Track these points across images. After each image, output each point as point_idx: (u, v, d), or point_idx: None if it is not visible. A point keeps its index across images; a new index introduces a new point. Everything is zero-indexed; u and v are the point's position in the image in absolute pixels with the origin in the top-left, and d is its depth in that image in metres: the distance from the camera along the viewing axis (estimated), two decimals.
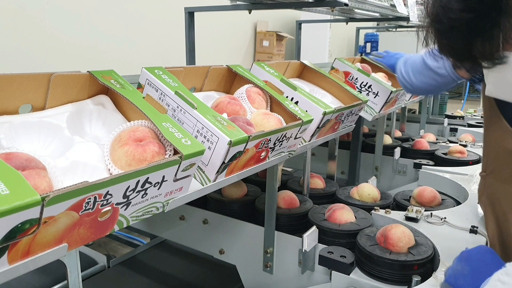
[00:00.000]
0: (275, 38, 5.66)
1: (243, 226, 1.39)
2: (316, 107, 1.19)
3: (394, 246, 1.12)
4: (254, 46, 5.83)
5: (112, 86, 0.83)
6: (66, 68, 0.82)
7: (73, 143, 0.76)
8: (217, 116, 0.89)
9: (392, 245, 1.12)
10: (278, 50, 5.74)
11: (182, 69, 1.04)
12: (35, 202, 0.52)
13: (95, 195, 0.60)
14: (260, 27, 5.79)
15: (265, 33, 5.72)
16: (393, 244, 1.13)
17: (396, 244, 1.12)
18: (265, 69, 1.28)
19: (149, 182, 0.69)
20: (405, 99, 2.07)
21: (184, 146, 0.74)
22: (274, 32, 5.64)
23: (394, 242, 1.12)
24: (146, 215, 0.74)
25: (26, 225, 0.53)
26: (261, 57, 5.78)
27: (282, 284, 1.34)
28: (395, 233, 1.14)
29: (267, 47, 5.73)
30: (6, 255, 0.53)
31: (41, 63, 3.10)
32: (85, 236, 0.64)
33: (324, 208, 1.38)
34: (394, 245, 1.12)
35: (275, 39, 5.67)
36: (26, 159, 0.59)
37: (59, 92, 0.81)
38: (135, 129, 0.76)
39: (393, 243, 1.13)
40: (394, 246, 1.12)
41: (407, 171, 2.17)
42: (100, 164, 0.74)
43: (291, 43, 6.29)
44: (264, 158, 1.02)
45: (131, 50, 3.76)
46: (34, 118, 0.78)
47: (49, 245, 0.59)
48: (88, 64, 3.28)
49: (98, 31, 3.50)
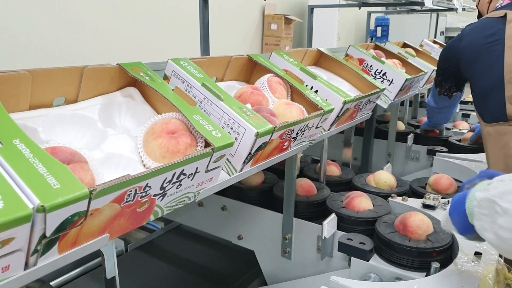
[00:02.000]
0: (283, 22, 5.62)
1: (261, 212, 1.42)
2: (336, 96, 1.20)
3: (413, 233, 1.14)
4: (262, 29, 5.79)
5: (142, 78, 0.84)
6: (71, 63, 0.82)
7: (106, 135, 0.78)
8: (242, 107, 0.90)
9: (411, 232, 1.15)
10: (287, 33, 5.70)
11: (205, 59, 1.05)
12: (84, 196, 0.54)
13: (136, 187, 0.62)
14: (268, 10, 5.74)
15: (273, 16, 5.68)
16: (412, 231, 1.15)
17: (415, 232, 1.14)
18: (284, 57, 1.29)
19: (183, 173, 0.71)
20: (419, 85, 2.07)
21: (215, 138, 0.76)
22: (283, 15, 5.59)
23: (413, 230, 1.15)
24: (179, 205, 0.77)
25: (75, 217, 0.55)
26: (269, 41, 5.75)
27: (300, 269, 1.37)
28: (414, 221, 1.16)
29: (275, 31, 5.70)
30: (57, 246, 0.56)
31: None
32: (125, 226, 0.67)
33: (342, 196, 1.40)
34: (413, 232, 1.14)
35: (283, 23, 5.62)
36: (70, 153, 0.61)
37: (90, 85, 0.82)
38: (167, 121, 0.77)
39: (412, 230, 1.15)
40: (413, 233, 1.14)
41: (420, 158, 2.19)
42: (134, 156, 0.76)
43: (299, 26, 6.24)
44: (287, 148, 1.04)
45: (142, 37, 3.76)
46: (68, 110, 0.80)
47: (93, 236, 0.61)
48: (95, 56, 3.30)
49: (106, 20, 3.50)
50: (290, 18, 5.64)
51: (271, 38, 5.69)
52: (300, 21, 5.84)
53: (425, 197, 1.34)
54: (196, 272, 1.75)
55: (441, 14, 6.92)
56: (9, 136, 0.57)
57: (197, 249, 1.94)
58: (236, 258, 1.81)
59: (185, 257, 1.88)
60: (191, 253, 1.91)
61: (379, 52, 1.99)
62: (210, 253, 1.90)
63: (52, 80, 0.76)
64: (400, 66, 1.96)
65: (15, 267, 0.53)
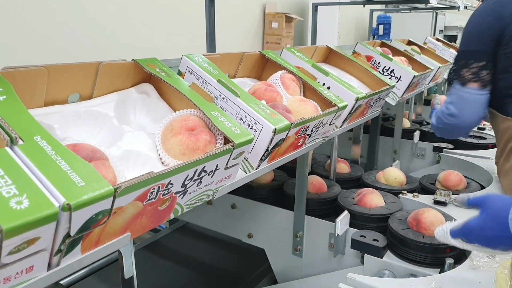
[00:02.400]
0: (284, 20, 5.60)
1: (272, 210, 1.41)
2: (348, 92, 1.19)
3: (426, 229, 1.14)
4: (263, 28, 5.77)
5: (158, 74, 0.83)
6: (72, 59, 0.80)
7: (123, 132, 0.77)
8: (259, 103, 0.89)
9: (424, 228, 1.14)
10: (287, 32, 5.68)
11: (219, 56, 1.04)
12: (109, 194, 0.53)
13: (159, 185, 0.61)
14: (269, 9, 5.72)
15: (274, 15, 5.66)
16: (425, 227, 1.14)
17: (429, 228, 1.13)
18: (295, 54, 1.28)
19: (204, 170, 0.70)
20: (425, 83, 2.06)
21: (235, 135, 0.74)
22: (283, 14, 5.57)
23: (426, 226, 1.14)
24: (198, 202, 0.76)
25: (99, 216, 0.54)
26: (270, 39, 5.73)
27: (311, 267, 1.36)
28: (427, 217, 1.15)
29: (276, 29, 5.68)
30: (80, 245, 0.55)
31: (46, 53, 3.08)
32: (146, 225, 0.66)
33: (353, 193, 1.39)
34: (426, 228, 1.14)
35: (284, 21, 5.60)
36: (91, 150, 0.60)
37: (105, 81, 0.81)
38: (186, 118, 0.76)
39: (426, 226, 1.14)
40: (427, 229, 1.13)
41: (426, 155, 2.18)
42: (152, 153, 0.75)
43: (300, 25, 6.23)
44: (301, 144, 1.03)
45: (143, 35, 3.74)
46: (83, 107, 0.78)
47: (116, 235, 0.60)
48: (96, 54, 3.27)
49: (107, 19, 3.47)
50: (291, 16, 5.62)
51: (272, 36, 5.67)
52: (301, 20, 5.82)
53: (436, 194, 1.33)
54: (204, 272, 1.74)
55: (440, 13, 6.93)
56: (29, 133, 0.56)
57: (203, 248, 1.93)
58: (244, 256, 1.80)
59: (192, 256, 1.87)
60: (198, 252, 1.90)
61: (386, 50, 1.98)
62: (217, 252, 1.89)
63: (67, 76, 0.74)
64: (406, 63, 1.94)
65: (38, 267, 0.51)
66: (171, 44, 3.99)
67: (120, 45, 3.54)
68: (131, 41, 3.63)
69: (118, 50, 3.49)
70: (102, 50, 3.39)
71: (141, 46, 3.69)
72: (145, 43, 3.75)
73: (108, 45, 3.45)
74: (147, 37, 3.78)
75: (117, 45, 3.52)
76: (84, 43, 3.28)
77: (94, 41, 3.35)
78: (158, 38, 3.90)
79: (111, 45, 3.47)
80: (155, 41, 3.83)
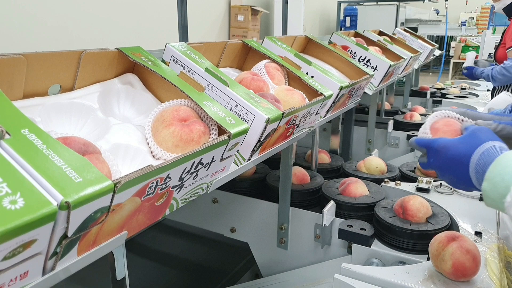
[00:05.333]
0: (250, 13, 5.57)
1: (255, 203, 1.39)
2: (332, 81, 1.18)
3: (413, 216, 1.14)
4: (228, 20, 5.72)
5: (144, 63, 0.79)
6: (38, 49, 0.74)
7: (110, 125, 0.72)
8: (249, 93, 0.86)
9: (411, 216, 1.15)
10: (253, 24, 5.66)
11: (202, 45, 1.00)
12: (109, 189, 0.49)
13: (158, 179, 0.57)
14: (234, 1, 5.67)
15: (240, 8, 5.62)
16: (412, 215, 1.15)
17: (415, 215, 1.14)
18: (277, 43, 1.25)
19: (201, 163, 0.66)
20: (398, 72, 2.09)
21: (230, 125, 0.71)
22: (249, 7, 5.54)
23: (413, 213, 1.15)
24: (193, 196, 0.72)
25: (98, 214, 0.49)
26: (236, 32, 5.69)
27: (297, 259, 1.35)
28: (413, 204, 1.16)
29: (242, 22, 5.64)
30: (77, 247, 0.50)
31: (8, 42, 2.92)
32: (142, 222, 0.62)
33: (336, 183, 1.38)
34: (413, 216, 1.14)
35: (250, 14, 5.58)
36: (84, 144, 0.55)
37: (88, 71, 0.76)
38: (178, 108, 0.72)
39: (412, 214, 1.15)
40: (414, 216, 1.14)
41: (400, 143, 2.21)
42: (142, 146, 0.71)
43: (266, 17, 6.21)
44: (290, 135, 1.01)
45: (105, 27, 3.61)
46: (65, 99, 0.73)
47: (112, 233, 0.56)
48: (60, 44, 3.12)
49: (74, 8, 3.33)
50: (256, 9, 5.59)
51: (238, 29, 5.63)
52: (266, 12, 5.81)
53: (418, 181, 1.35)
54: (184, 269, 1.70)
55: (400, 6, 7.10)
56: (16, 126, 0.51)
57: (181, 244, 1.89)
58: (224, 251, 1.77)
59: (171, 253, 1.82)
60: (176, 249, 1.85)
61: (360, 40, 1.99)
62: (196, 247, 1.85)
63: (48, 66, 0.69)
64: (380, 53, 1.96)
65: (33, 272, 0.47)
66: (136, 37, 3.88)
67: (86, 38, 3.40)
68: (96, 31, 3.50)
69: (82, 43, 3.35)
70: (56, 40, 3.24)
71: (107, 39, 3.56)
72: (112, 36, 3.63)
73: (71, 37, 3.31)
74: (115, 30, 3.65)
75: (82, 38, 3.38)
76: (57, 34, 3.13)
77: (64, 32, 3.21)
78: (124, 31, 3.77)
79: (75, 37, 3.33)
80: (123, 35, 3.71)
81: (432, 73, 9.34)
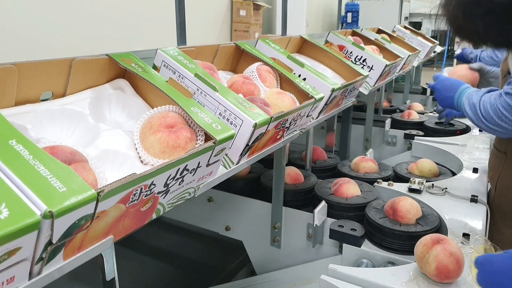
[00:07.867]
0: (252, 8, 5.55)
1: (249, 202, 1.41)
2: (324, 83, 1.19)
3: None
4: (231, 16, 5.70)
5: (134, 70, 0.80)
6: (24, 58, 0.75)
7: (99, 131, 0.74)
8: (238, 98, 0.88)
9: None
10: (256, 19, 5.65)
11: (194, 48, 1.01)
12: (92, 198, 0.51)
13: (142, 186, 0.59)
14: None
15: (242, 3, 5.60)
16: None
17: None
18: (270, 45, 1.27)
19: (186, 169, 0.68)
20: (395, 71, 2.10)
21: (216, 131, 0.73)
22: (251, 1, 5.52)
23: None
24: (180, 201, 0.74)
25: (82, 221, 0.52)
26: (238, 27, 5.68)
27: (289, 258, 1.37)
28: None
29: (244, 17, 5.63)
30: (62, 252, 0.53)
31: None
32: (128, 227, 0.64)
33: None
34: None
35: (252, 9, 5.56)
36: (70, 153, 0.57)
37: (79, 78, 0.78)
38: (165, 114, 0.74)
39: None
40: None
41: (397, 142, 2.22)
42: (130, 151, 0.73)
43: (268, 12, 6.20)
44: (280, 137, 1.02)
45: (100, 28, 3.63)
46: (56, 105, 0.75)
47: (98, 238, 0.58)
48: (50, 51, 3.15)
49: None
50: (258, 4, 5.58)
51: (240, 24, 5.62)
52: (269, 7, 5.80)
53: (411, 182, 1.37)
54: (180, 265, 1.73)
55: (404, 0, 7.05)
56: (4, 137, 0.53)
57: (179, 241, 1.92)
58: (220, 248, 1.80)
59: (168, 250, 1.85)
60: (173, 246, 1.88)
61: (357, 39, 1.99)
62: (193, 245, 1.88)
63: (39, 74, 0.71)
64: (377, 52, 1.97)
65: (20, 277, 0.49)
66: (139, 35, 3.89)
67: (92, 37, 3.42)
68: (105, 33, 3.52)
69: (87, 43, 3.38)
70: None
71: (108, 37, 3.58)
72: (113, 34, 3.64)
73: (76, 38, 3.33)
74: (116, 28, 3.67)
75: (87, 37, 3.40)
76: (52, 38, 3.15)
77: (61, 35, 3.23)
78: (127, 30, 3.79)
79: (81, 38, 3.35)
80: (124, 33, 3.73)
81: (435, 67, 9.30)
